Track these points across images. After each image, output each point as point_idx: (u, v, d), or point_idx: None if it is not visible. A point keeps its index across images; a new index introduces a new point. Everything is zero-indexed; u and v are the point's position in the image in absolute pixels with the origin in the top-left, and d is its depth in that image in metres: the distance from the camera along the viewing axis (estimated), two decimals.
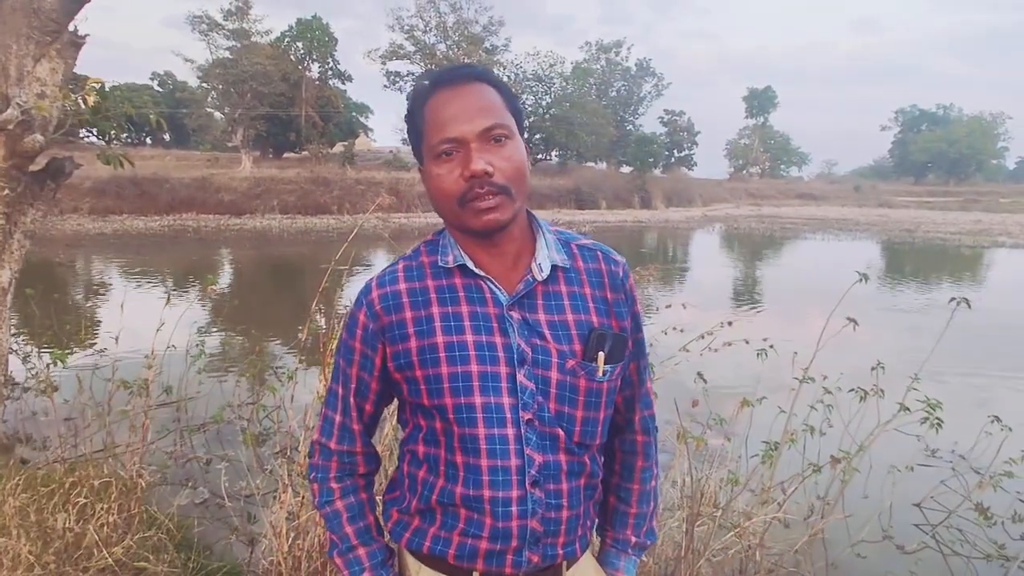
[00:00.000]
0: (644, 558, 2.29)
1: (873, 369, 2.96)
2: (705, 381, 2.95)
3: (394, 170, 34.08)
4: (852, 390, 3.04)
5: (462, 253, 1.03)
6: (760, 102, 70.79)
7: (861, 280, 2.72)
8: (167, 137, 43.14)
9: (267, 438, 4.22)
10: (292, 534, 2.28)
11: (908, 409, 2.81)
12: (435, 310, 1.02)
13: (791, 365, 2.92)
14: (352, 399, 1.11)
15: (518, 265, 1.04)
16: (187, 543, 2.67)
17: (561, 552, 1.06)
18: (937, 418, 2.90)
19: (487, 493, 1.00)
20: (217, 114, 39.26)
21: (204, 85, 35.87)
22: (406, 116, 1.05)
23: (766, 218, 34.84)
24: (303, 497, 2.33)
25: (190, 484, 3.60)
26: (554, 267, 1.04)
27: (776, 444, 2.83)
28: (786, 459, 3.08)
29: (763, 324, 9.18)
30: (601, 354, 1.03)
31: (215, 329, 7.79)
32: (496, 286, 1.02)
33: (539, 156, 46.03)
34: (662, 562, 2.27)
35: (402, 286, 1.05)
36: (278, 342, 7.24)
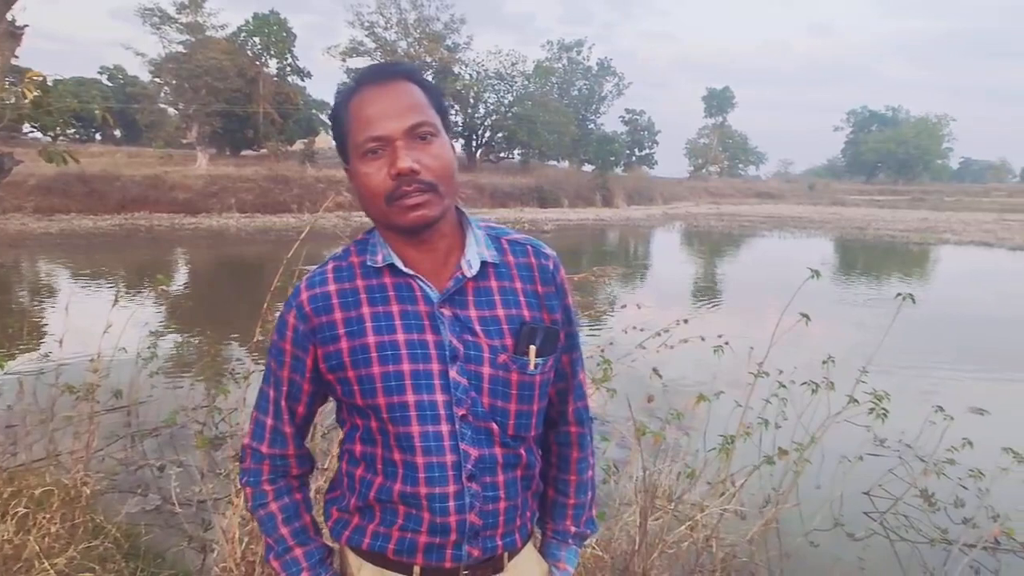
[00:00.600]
0: (600, 552, 2.31)
1: (824, 363, 3.05)
2: (661, 377, 2.99)
3: (343, 163, 33.66)
4: (805, 383, 3.13)
5: (391, 252, 1.03)
6: (718, 102, 72.14)
7: (813, 277, 2.79)
8: (118, 133, 41.77)
9: (223, 441, 4.12)
10: (246, 539, 2.24)
11: (857, 401, 2.89)
12: (365, 310, 1.02)
13: (748, 360, 2.98)
14: (284, 402, 1.10)
15: (448, 262, 1.04)
16: (136, 552, 2.59)
17: (501, 544, 1.07)
18: (884, 409, 3.00)
19: (424, 490, 1.01)
20: (171, 110, 38.19)
21: (156, 80, 34.83)
22: (330, 115, 1.05)
23: (725, 216, 35.50)
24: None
25: (140, 491, 3.50)
26: (484, 263, 1.05)
27: (732, 438, 2.89)
28: (743, 452, 3.14)
29: (722, 320, 9.36)
30: (532, 347, 1.04)
31: (169, 331, 7.58)
32: (426, 284, 1.02)
33: (501, 155, 46.06)
34: (618, 556, 2.29)
35: (332, 287, 1.04)
36: (236, 343, 7.08)
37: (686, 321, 3.03)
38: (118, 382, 4.29)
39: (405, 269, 1.02)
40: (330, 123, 1.05)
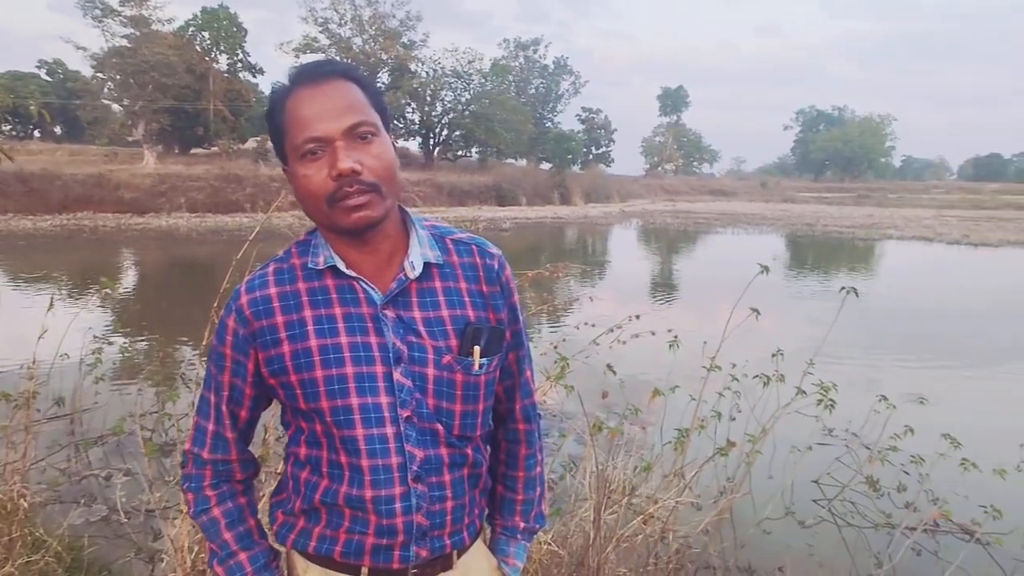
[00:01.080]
0: (556, 548, 2.33)
1: (773, 356, 3.13)
2: (615, 373, 3.03)
3: (281, 164, 33.04)
4: (757, 376, 3.21)
5: (333, 254, 1.01)
6: (673, 101, 73.41)
7: (763, 272, 2.86)
8: (58, 130, 40.15)
9: (173, 448, 4.00)
10: (196, 548, 2.18)
11: (804, 393, 2.98)
12: (307, 313, 1.01)
13: (702, 355, 3.04)
14: (225, 406, 1.08)
15: (392, 263, 1.03)
16: (79, 565, 2.49)
17: (449, 543, 1.07)
18: (830, 399, 3.10)
19: (370, 492, 1.00)
20: (115, 106, 36.83)
21: (99, 75, 33.52)
22: (266, 114, 1.02)
23: (680, 213, 36.13)
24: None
25: (84, 501, 3.37)
26: (429, 264, 1.04)
27: (686, 431, 2.94)
28: (699, 445, 3.21)
29: (678, 316, 9.53)
30: (477, 348, 1.04)
31: (116, 335, 7.32)
32: (369, 285, 1.01)
33: (459, 153, 45.92)
34: (574, 551, 2.31)
35: (272, 290, 1.02)
36: (187, 346, 6.88)
37: (638, 317, 3.07)
38: (61, 389, 4.13)
39: (347, 271, 1.00)
40: (267, 124, 1.02)
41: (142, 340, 7.25)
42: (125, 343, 6.84)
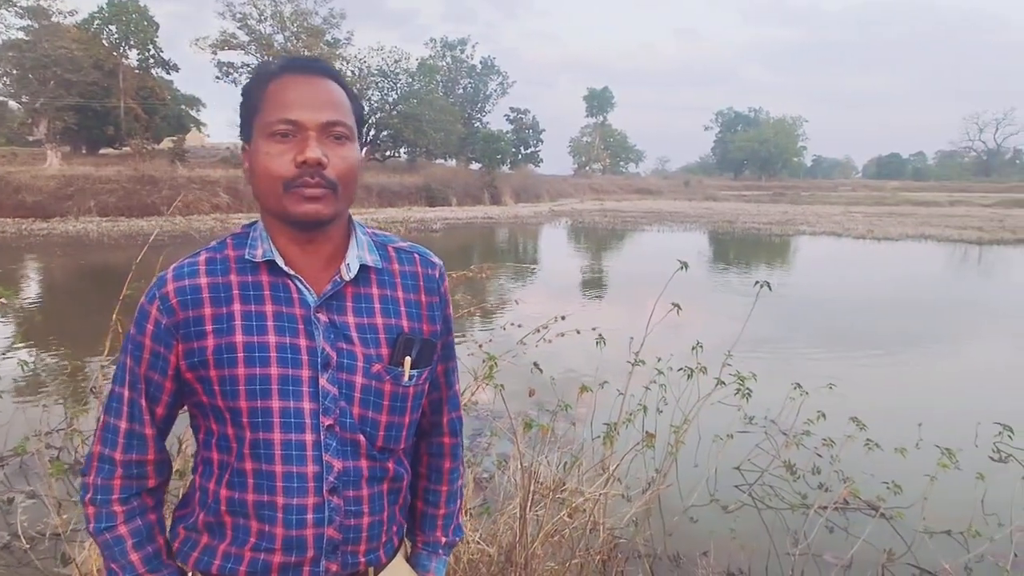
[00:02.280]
0: (485, 546, 2.34)
1: (693, 349, 3.25)
2: (541, 371, 3.07)
3: (232, 167, 31.80)
4: (681, 369, 3.32)
5: (272, 248, 0.98)
6: (599, 102, 74.90)
7: (682, 268, 2.96)
8: None
9: (83, 466, 3.78)
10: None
11: (723, 383, 3.11)
12: (237, 307, 0.96)
13: (629, 350, 3.11)
14: (143, 401, 1.00)
15: (330, 266, 1.01)
16: None
17: (363, 560, 1.04)
18: (747, 389, 3.25)
19: (280, 500, 0.96)
20: (12, 103, 34.35)
21: None
22: (244, 88, 0.99)
23: (608, 212, 36.88)
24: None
25: None
26: (368, 269, 1.02)
27: (615, 425, 3.02)
28: (628, 438, 3.29)
29: (607, 312, 9.73)
30: (408, 359, 1.02)
31: (17, 349, 6.84)
32: (304, 286, 0.99)
33: (388, 153, 45.31)
34: (502, 548, 2.33)
35: (203, 280, 0.98)
36: (100, 358, 6.50)
37: (564, 318, 3.13)
38: None
39: (285, 268, 0.97)
40: (241, 96, 0.99)
41: (48, 353, 6.79)
42: (27, 357, 6.41)
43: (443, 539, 1.22)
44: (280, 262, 0.97)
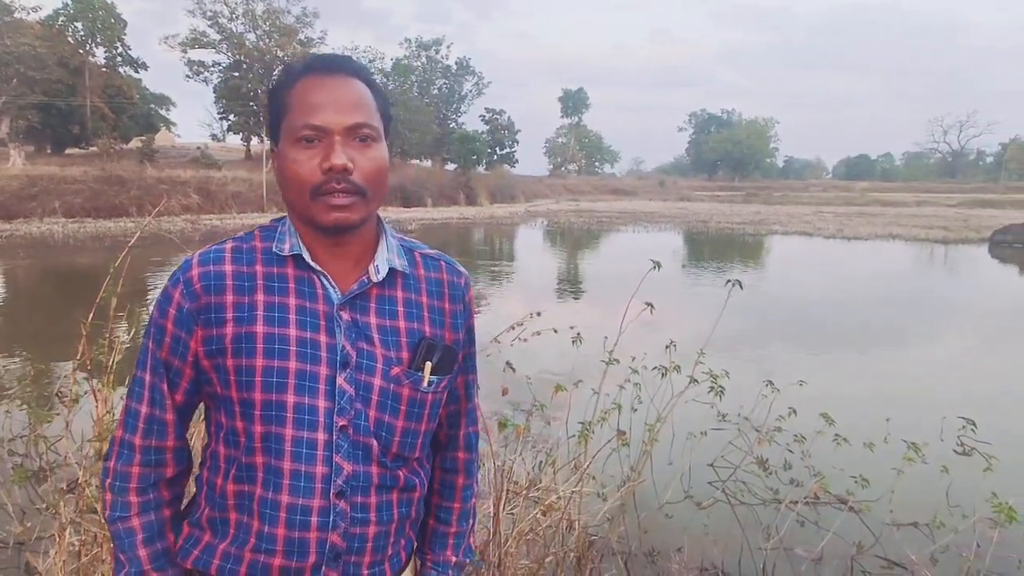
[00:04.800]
0: None
1: (667, 348, 3.28)
2: (515, 371, 3.07)
3: (203, 168, 31.32)
4: (656, 368, 3.35)
5: (300, 243, 0.97)
6: (574, 103, 75.28)
7: (655, 268, 2.99)
8: None
9: (48, 473, 3.68)
10: None
11: (696, 381, 3.14)
12: (260, 297, 0.95)
13: (603, 349, 3.13)
14: (164, 386, 0.99)
15: (358, 265, 1.00)
16: None
17: (367, 573, 1.01)
18: (720, 387, 3.28)
19: (285, 499, 0.94)
20: None
21: None
22: (270, 91, 0.98)
23: (584, 212, 37.07)
24: (86, 534, 2.06)
25: None
26: (393, 272, 1.01)
27: (589, 424, 3.03)
28: (603, 437, 3.31)
29: (583, 312, 9.78)
30: (428, 364, 1.01)
31: None
32: (330, 283, 0.97)
33: None
34: (475, 548, 2.32)
35: (228, 267, 0.96)
36: (66, 362, 6.35)
37: (539, 314, 3.13)
38: None
39: (312, 263, 0.96)
40: (268, 99, 0.98)
41: (11, 358, 6.62)
42: None
43: (453, 559, 1.18)
44: (307, 257, 0.96)
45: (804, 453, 3.85)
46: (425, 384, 1.01)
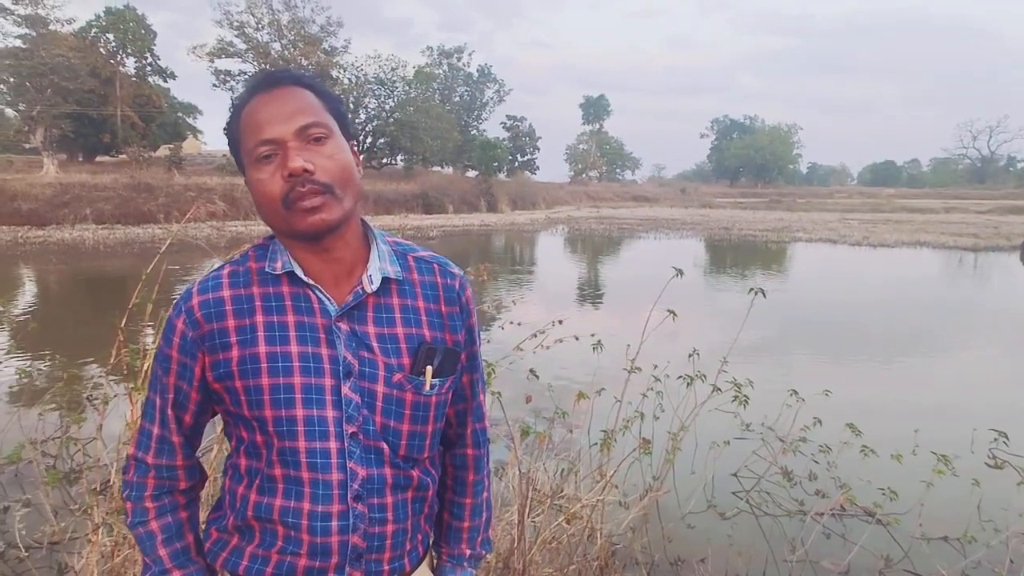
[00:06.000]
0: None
1: (690, 356, 3.26)
2: (538, 378, 3.07)
3: (228, 175, 31.81)
4: (680, 377, 3.33)
5: (291, 259, 1.00)
6: (595, 109, 75.19)
7: (678, 276, 2.98)
8: None
9: (79, 475, 3.76)
10: None
11: (720, 390, 3.12)
12: (259, 319, 0.98)
13: (625, 357, 3.12)
14: (170, 410, 1.04)
15: (351, 276, 1.02)
16: None
17: (387, 568, 1.04)
18: (745, 396, 3.26)
19: (307, 506, 0.98)
20: (9, 111, 34.38)
21: None
22: (225, 127, 1.01)
23: (605, 219, 36.95)
24: (119, 535, 2.11)
25: None
26: (388, 279, 1.03)
27: (611, 432, 3.02)
28: (625, 445, 3.29)
29: (604, 319, 9.75)
30: (429, 368, 1.03)
31: (12, 357, 6.82)
32: (325, 296, 1.00)
33: (384, 160, 45.40)
34: (500, 554, 2.33)
35: (226, 293, 1.00)
36: (96, 366, 6.48)
37: (561, 322, 3.13)
38: None
39: (305, 278, 0.98)
40: (226, 135, 1.01)
41: (43, 361, 6.77)
42: (23, 365, 6.39)
43: (468, 552, 1.22)
44: (299, 272, 0.99)
45: (830, 464, 3.80)
46: (427, 388, 1.03)
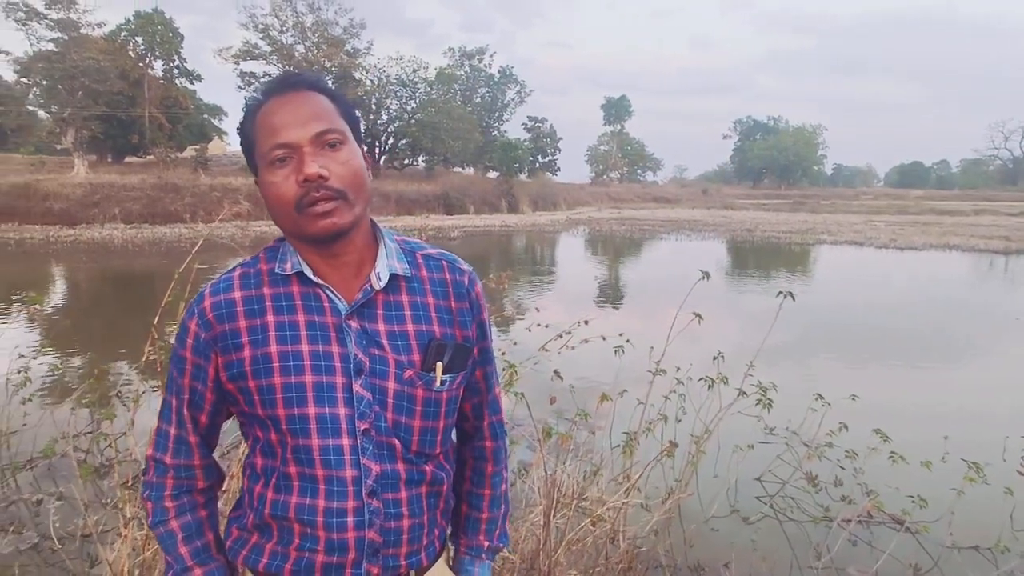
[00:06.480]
0: (508, 553, 2.34)
1: (715, 359, 3.24)
2: (562, 379, 3.07)
3: (252, 175, 32.19)
4: (702, 379, 3.30)
5: (301, 260, 1.01)
6: (616, 110, 74.77)
7: (704, 278, 2.96)
8: None
9: (109, 469, 3.84)
10: (136, 572, 2.10)
11: (745, 394, 3.09)
12: (270, 319, 1.00)
13: (648, 359, 3.11)
14: (186, 410, 1.06)
15: (360, 274, 1.03)
16: None
17: (405, 563, 1.05)
18: (769, 400, 3.22)
19: (322, 503, 0.99)
20: (42, 113, 35.22)
21: (24, 80, 31.98)
22: (239, 128, 1.03)
23: (626, 220, 36.76)
24: (148, 529, 2.15)
25: (14, 528, 3.20)
26: (397, 277, 1.04)
27: (634, 434, 3.01)
28: (647, 447, 3.28)
29: (626, 321, 9.70)
30: (439, 364, 1.04)
31: (45, 353, 6.97)
32: (335, 294, 1.01)
33: (406, 161, 45.64)
34: (525, 557, 2.33)
35: (237, 294, 1.02)
36: (125, 363, 6.61)
37: (587, 322, 3.13)
38: None
39: (314, 278, 1.00)
40: (239, 136, 1.03)
41: (75, 357, 6.92)
42: (56, 361, 6.54)
43: (486, 543, 1.23)
44: (309, 273, 1.00)
45: (856, 470, 3.74)
46: (438, 384, 1.04)
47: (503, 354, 3.03)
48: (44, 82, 30.83)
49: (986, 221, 37.15)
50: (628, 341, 3.23)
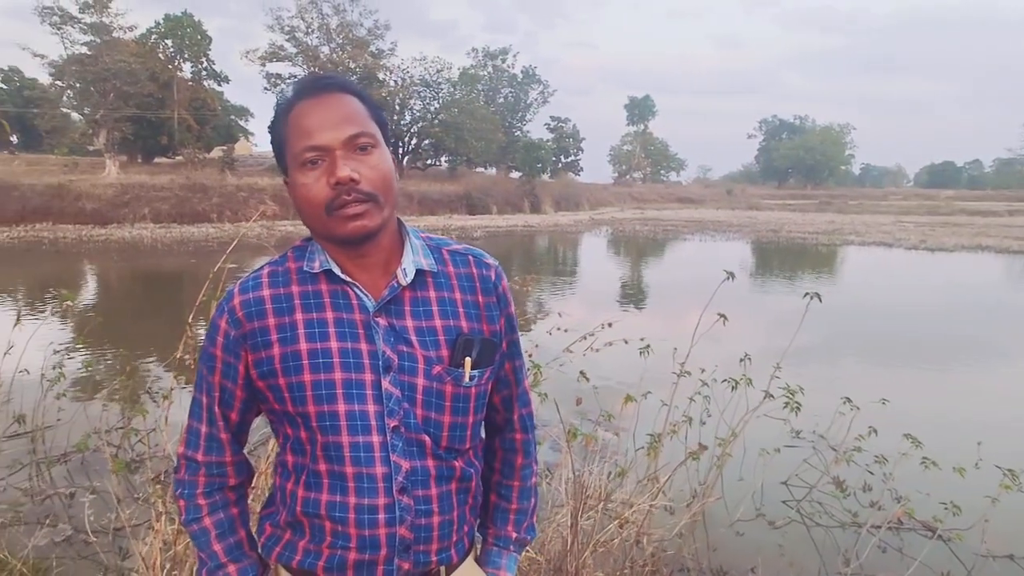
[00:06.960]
0: (535, 554, 2.34)
1: (741, 361, 3.20)
2: (588, 380, 3.06)
3: (279, 176, 32.48)
4: (726, 381, 3.27)
5: (328, 259, 1.02)
6: (640, 110, 74.43)
7: (729, 279, 2.93)
8: (15, 139, 39.05)
9: (140, 464, 3.92)
10: (167, 565, 2.14)
11: (772, 396, 3.05)
12: (299, 316, 1.01)
13: (673, 360, 3.08)
14: (217, 408, 1.07)
15: (387, 271, 1.04)
16: None
17: (435, 559, 1.06)
18: (796, 403, 3.18)
19: (352, 500, 0.99)
20: (75, 115, 36.03)
21: (58, 83, 32.77)
22: (269, 127, 1.03)
23: (649, 221, 36.55)
24: (179, 523, 2.18)
25: (49, 522, 3.28)
26: (424, 273, 1.05)
27: (659, 436, 2.99)
28: (672, 449, 3.25)
29: (650, 322, 9.64)
30: (468, 360, 1.04)
31: (78, 350, 7.14)
32: (362, 292, 1.02)
33: (429, 162, 45.87)
34: (552, 558, 2.33)
35: (266, 292, 1.03)
36: (154, 360, 6.74)
37: (610, 324, 3.11)
38: (21, 406, 4.02)
39: (342, 276, 1.01)
40: (269, 135, 1.04)
41: (106, 354, 7.07)
42: (88, 357, 6.69)
43: (514, 535, 1.23)
44: (337, 270, 1.01)
45: (886, 475, 3.67)
46: (467, 380, 1.04)
47: (529, 355, 3.03)
48: (77, 84, 31.57)
49: (1021, 222, 36.26)
50: (649, 347, 3.20)
